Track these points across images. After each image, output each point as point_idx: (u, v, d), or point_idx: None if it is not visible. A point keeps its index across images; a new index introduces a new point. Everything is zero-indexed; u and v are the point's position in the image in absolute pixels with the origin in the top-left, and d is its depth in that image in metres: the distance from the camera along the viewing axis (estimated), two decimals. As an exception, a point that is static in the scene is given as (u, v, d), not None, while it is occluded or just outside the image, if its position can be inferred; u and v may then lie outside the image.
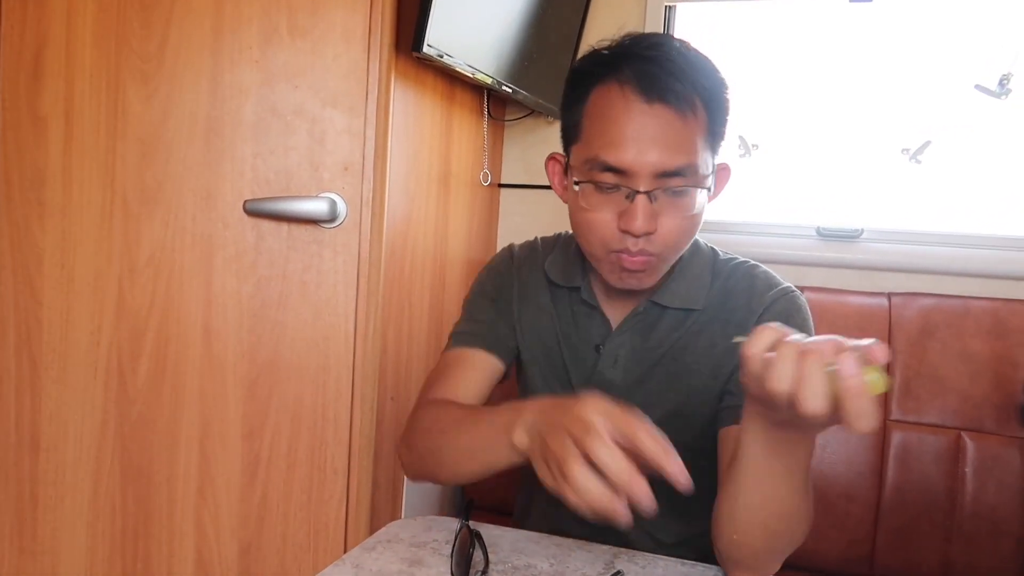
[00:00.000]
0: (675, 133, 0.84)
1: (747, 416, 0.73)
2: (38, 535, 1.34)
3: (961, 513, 1.39)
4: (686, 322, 0.98)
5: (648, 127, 0.84)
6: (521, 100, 1.68)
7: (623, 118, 0.85)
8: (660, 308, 0.98)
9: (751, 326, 0.93)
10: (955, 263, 1.61)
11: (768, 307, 0.95)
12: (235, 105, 1.22)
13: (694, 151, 0.86)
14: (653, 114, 0.84)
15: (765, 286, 0.97)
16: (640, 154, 0.84)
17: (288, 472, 1.25)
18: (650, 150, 0.84)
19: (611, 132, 0.86)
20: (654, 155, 0.84)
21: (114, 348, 1.29)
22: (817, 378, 0.58)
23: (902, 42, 1.74)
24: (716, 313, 0.97)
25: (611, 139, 0.85)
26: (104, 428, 1.30)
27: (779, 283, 0.98)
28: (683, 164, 0.85)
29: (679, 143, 0.85)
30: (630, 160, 0.84)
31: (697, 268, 0.99)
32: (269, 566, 1.26)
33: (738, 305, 0.96)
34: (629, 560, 0.84)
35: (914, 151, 1.76)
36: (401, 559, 0.81)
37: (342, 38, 1.18)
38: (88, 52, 1.26)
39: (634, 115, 0.85)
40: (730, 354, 0.94)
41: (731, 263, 1.02)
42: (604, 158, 0.85)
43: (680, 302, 0.97)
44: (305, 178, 1.21)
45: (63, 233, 1.30)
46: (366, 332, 1.22)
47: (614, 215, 0.87)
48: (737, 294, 0.97)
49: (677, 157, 0.84)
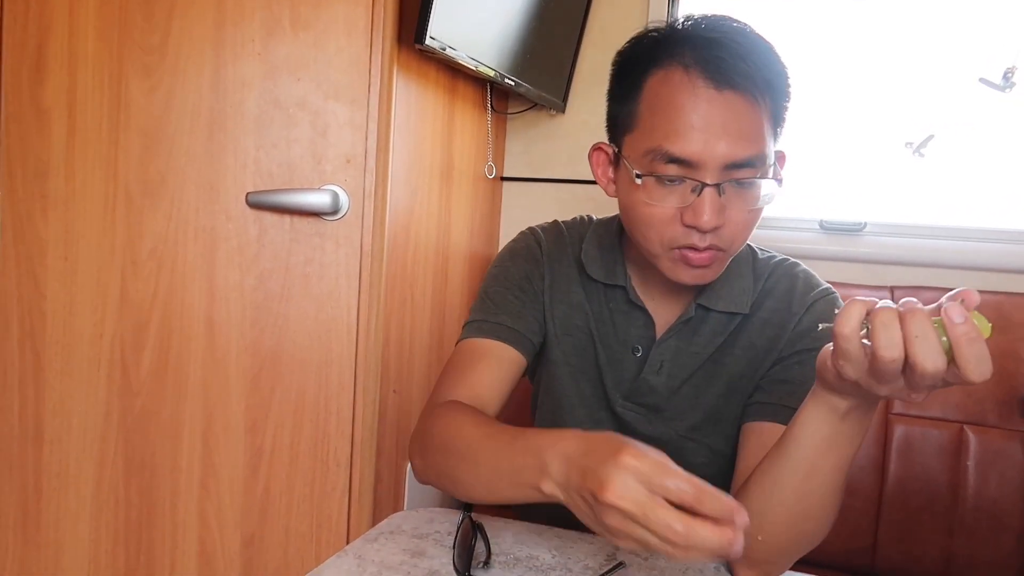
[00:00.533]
0: (745, 121, 0.79)
1: (812, 407, 0.69)
2: (42, 526, 1.35)
3: (963, 507, 1.39)
4: (730, 325, 0.94)
5: (717, 115, 0.78)
6: (524, 93, 1.67)
7: (689, 105, 0.79)
8: (706, 311, 0.94)
9: (791, 328, 0.91)
10: (958, 257, 1.61)
11: (808, 308, 0.92)
12: (238, 98, 1.22)
13: (763, 140, 0.81)
14: (723, 101, 0.78)
15: (805, 287, 0.94)
16: (708, 145, 0.78)
17: (291, 464, 1.25)
18: (719, 140, 0.78)
19: (676, 121, 0.79)
20: (723, 146, 0.78)
21: (117, 340, 1.29)
22: (931, 333, 0.55)
23: (906, 35, 1.73)
24: (756, 313, 0.94)
25: (676, 128, 0.79)
26: (107, 420, 1.30)
27: (819, 284, 0.95)
28: (753, 154, 0.80)
29: (749, 132, 0.79)
30: (698, 151, 0.78)
31: (739, 268, 0.95)
32: (272, 558, 1.27)
33: (779, 307, 0.93)
34: (631, 552, 0.84)
35: (917, 145, 1.76)
36: (403, 550, 0.81)
37: (344, 31, 1.18)
38: (91, 44, 1.26)
39: (701, 102, 0.78)
40: (768, 353, 0.92)
41: (771, 262, 0.98)
42: (669, 149, 0.79)
43: (725, 305, 0.93)
44: (307, 171, 1.21)
45: (66, 225, 1.30)
46: (368, 325, 1.22)
47: (677, 209, 0.81)
48: (777, 295, 0.94)
49: (747, 147, 0.79)
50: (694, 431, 0.96)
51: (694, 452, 0.96)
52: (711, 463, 0.97)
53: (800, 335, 0.91)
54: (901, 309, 0.57)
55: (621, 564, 0.80)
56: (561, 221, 1.06)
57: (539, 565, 0.79)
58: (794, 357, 0.91)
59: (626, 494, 0.57)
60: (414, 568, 0.77)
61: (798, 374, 0.89)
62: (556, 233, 1.03)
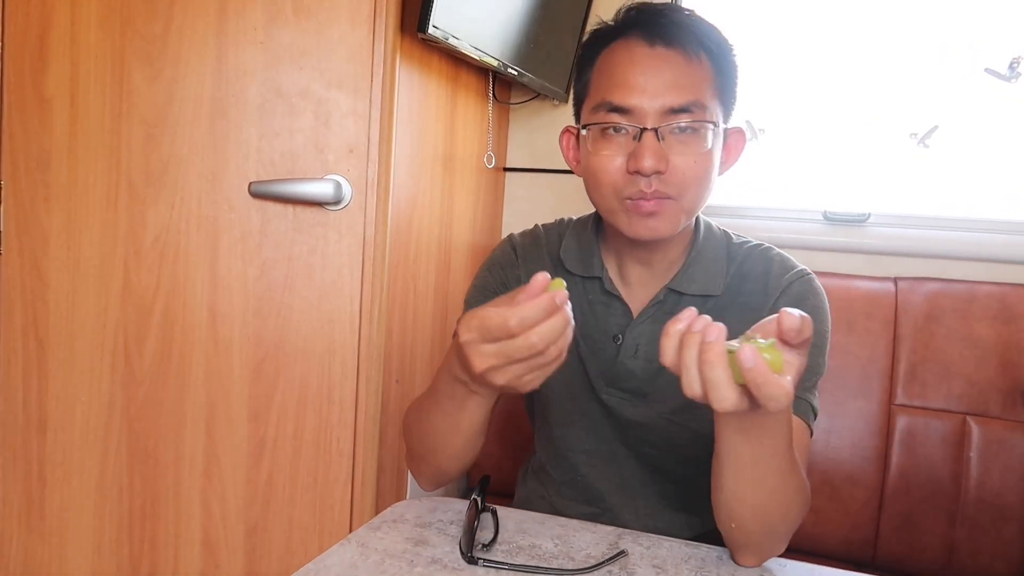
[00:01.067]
0: (680, 72, 0.86)
1: (716, 422, 0.73)
2: (46, 515, 1.35)
3: (965, 498, 1.39)
4: (704, 308, 0.94)
5: (652, 67, 0.87)
6: (527, 83, 1.67)
7: (627, 62, 0.88)
8: (678, 295, 0.96)
9: (767, 310, 0.93)
10: (962, 248, 1.61)
11: (784, 290, 0.94)
12: (240, 87, 1.22)
13: (700, 91, 0.87)
14: (656, 55, 0.87)
15: (781, 269, 0.96)
16: (645, 92, 0.86)
17: (294, 454, 1.25)
18: (655, 87, 0.86)
19: (617, 76, 0.88)
20: (659, 91, 0.86)
21: (120, 330, 1.29)
22: (723, 377, 0.60)
23: (911, 25, 1.73)
24: (733, 298, 0.96)
25: (617, 82, 0.87)
26: (111, 409, 1.31)
27: (794, 266, 0.97)
28: (688, 101, 0.86)
29: (683, 81, 0.86)
30: (635, 98, 0.86)
31: (712, 252, 0.98)
32: (275, 547, 1.27)
33: (755, 289, 0.96)
34: (633, 541, 0.84)
35: (922, 135, 1.75)
36: (406, 539, 0.82)
37: (347, 19, 1.18)
38: (93, 33, 1.26)
39: (638, 58, 0.87)
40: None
41: (745, 246, 1.00)
42: (610, 99, 0.87)
43: (698, 288, 0.96)
44: (310, 160, 1.21)
45: (69, 215, 1.30)
46: (371, 314, 1.22)
47: (624, 159, 0.87)
48: (753, 278, 0.97)
49: (682, 93, 0.86)
50: (677, 414, 0.97)
51: (679, 434, 0.98)
52: (695, 444, 0.98)
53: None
54: (704, 347, 0.61)
55: (623, 553, 0.80)
56: (541, 224, 1.11)
57: (541, 553, 0.80)
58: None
59: (483, 360, 0.66)
60: (417, 556, 0.77)
61: None
62: (533, 236, 1.08)
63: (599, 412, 1.01)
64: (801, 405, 0.89)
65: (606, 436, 1.01)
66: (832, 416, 1.47)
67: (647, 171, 0.85)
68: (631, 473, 1.02)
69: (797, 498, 0.78)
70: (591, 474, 1.03)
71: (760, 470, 0.74)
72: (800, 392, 0.89)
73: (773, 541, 0.80)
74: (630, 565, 0.78)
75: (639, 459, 1.01)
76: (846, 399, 1.47)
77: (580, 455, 1.03)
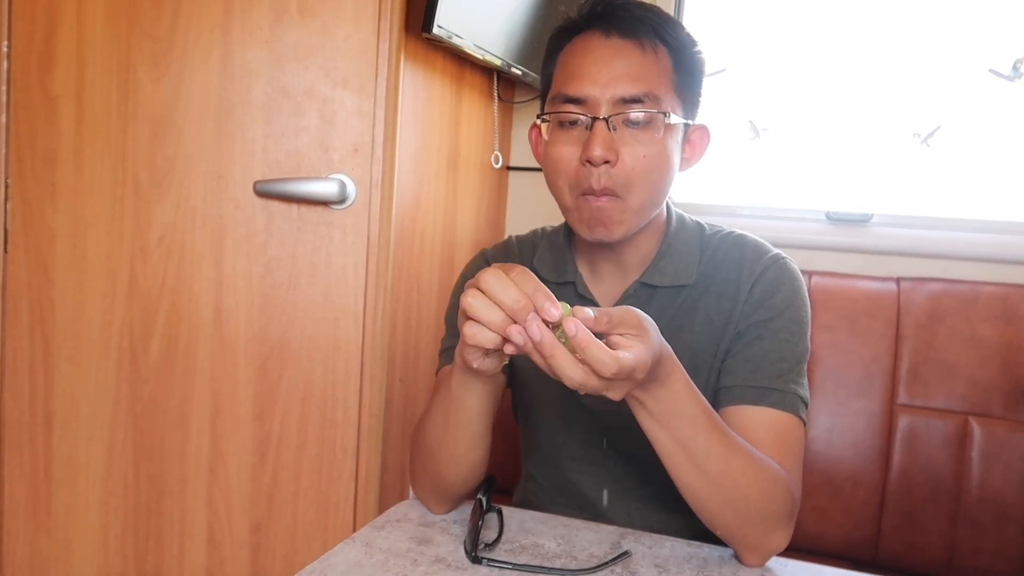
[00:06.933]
0: (634, 62, 0.86)
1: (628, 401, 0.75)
2: (52, 511, 1.36)
3: (967, 498, 1.39)
4: (677, 299, 0.95)
5: (605, 58, 0.86)
6: (531, 82, 1.67)
7: (583, 53, 0.88)
8: (650, 288, 0.95)
9: (743, 298, 0.92)
10: (965, 248, 1.61)
11: (760, 276, 0.93)
12: (245, 86, 1.22)
13: (655, 83, 0.86)
14: (611, 45, 0.87)
15: (755, 254, 0.95)
16: (597, 81, 0.85)
17: (298, 452, 1.26)
18: (607, 77, 0.85)
19: (573, 67, 0.88)
20: (611, 81, 0.85)
21: (126, 328, 1.30)
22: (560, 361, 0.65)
23: (914, 25, 1.72)
24: (708, 286, 0.95)
25: (572, 73, 0.88)
26: (116, 407, 1.31)
27: (769, 250, 0.96)
28: (641, 92, 0.85)
29: (637, 72, 0.86)
30: (588, 88, 0.86)
31: (684, 244, 0.97)
32: (279, 544, 1.28)
33: (729, 277, 0.94)
34: (636, 540, 0.85)
35: (925, 135, 1.75)
36: (410, 538, 0.82)
37: (352, 18, 1.18)
38: (99, 32, 1.27)
39: (592, 48, 0.88)
40: (726, 326, 0.92)
41: (719, 235, 0.99)
42: (565, 91, 0.87)
43: (669, 280, 0.95)
44: (315, 159, 1.21)
45: (75, 214, 1.30)
46: (375, 313, 1.23)
47: (578, 150, 0.87)
48: (727, 265, 0.95)
49: (636, 84, 0.85)
50: None
51: None
52: None
53: (755, 306, 0.91)
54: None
55: (626, 553, 0.81)
56: (515, 236, 1.11)
57: (544, 553, 0.80)
58: (752, 331, 0.91)
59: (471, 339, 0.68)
60: (420, 555, 0.78)
61: (758, 350, 0.89)
62: (505, 247, 1.09)
63: (583, 416, 1.00)
64: (787, 398, 0.87)
65: (592, 440, 1.00)
66: (834, 415, 1.48)
67: (596, 160, 0.84)
68: (621, 476, 0.99)
69: (756, 481, 0.77)
70: (582, 480, 1.01)
71: (690, 455, 0.75)
72: (781, 384, 0.87)
73: (760, 532, 0.79)
74: (632, 565, 0.79)
75: (628, 462, 0.99)
76: (848, 398, 1.48)
77: (568, 461, 1.01)
